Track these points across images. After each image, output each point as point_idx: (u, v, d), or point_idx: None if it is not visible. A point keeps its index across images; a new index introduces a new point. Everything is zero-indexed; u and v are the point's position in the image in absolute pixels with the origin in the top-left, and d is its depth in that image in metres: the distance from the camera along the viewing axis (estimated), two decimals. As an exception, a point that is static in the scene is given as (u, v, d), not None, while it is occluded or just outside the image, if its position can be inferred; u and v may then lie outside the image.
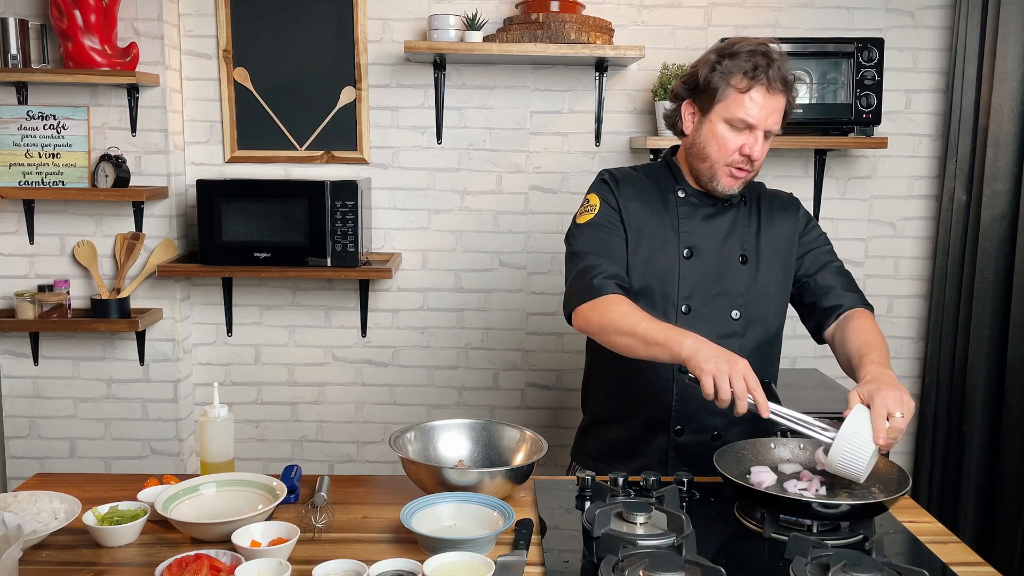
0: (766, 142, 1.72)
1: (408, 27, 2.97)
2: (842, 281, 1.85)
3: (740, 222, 1.83)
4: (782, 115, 1.72)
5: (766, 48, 1.69)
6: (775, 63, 1.68)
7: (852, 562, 1.27)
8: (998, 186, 2.73)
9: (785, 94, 1.71)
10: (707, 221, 1.82)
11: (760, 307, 1.82)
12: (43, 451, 3.00)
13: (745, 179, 1.76)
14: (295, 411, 3.15)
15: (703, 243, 1.80)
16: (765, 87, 1.67)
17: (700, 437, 1.81)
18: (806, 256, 1.87)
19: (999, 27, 2.72)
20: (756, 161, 1.73)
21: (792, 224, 1.87)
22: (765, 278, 1.82)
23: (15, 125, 2.83)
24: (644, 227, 1.81)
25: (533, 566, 1.37)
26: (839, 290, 1.83)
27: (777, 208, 1.88)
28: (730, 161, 1.72)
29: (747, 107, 1.68)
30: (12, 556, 1.21)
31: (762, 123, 1.69)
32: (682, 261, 1.79)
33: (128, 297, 2.86)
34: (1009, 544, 2.67)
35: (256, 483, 1.58)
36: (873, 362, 1.61)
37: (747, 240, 1.82)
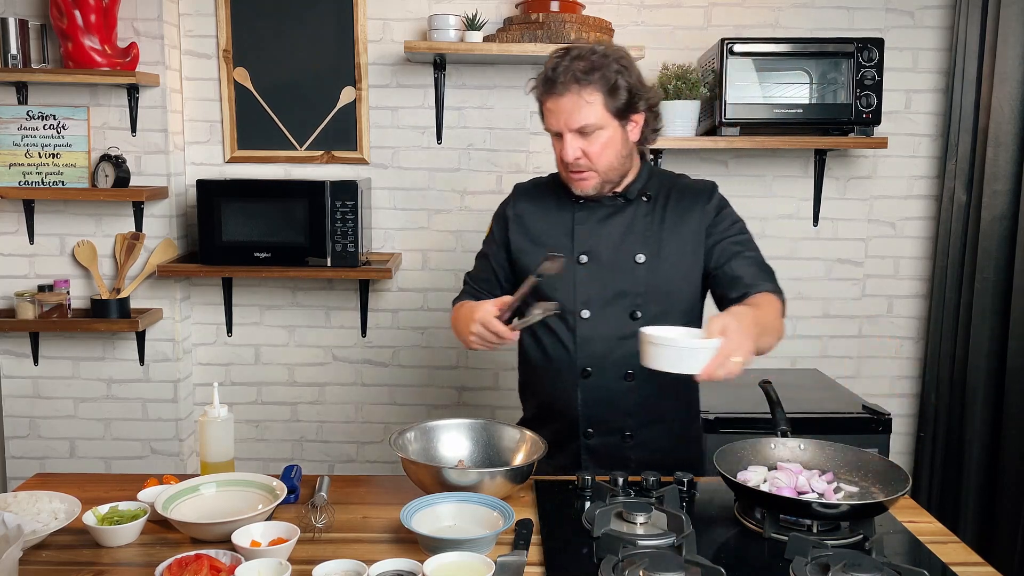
0: (587, 138, 1.71)
1: (408, 27, 2.97)
2: (752, 271, 1.79)
3: (640, 221, 1.81)
4: (589, 108, 1.68)
5: (561, 50, 1.72)
6: (561, 65, 1.69)
7: (852, 562, 1.27)
8: (998, 186, 2.73)
9: (576, 88, 1.68)
10: (603, 224, 1.82)
11: (663, 305, 1.79)
12: (43, 451, 3.00)
13: (590, 179, 1.75)
14: (295, 411, 3.15)
15: (598, 247, 1.81)
16: (552, 93, 1.70)
17: (610, 438, 1.83)
18: (716, 247, 1.81)
19: (999, 27, 2.72)
20: (583, 160, 1.72)
21: (700, 215, 1.82)
22: (668, 276, 1.80)
23: (15, 125, 2.83)
24: (542, 237, 1.85)
25: (533, 566, 1.37)
26: (747, 280, 1.77)
27: (686, 201, 1.83)
28: (565, 167, 1.76)
29: (547, 118, 1.74)
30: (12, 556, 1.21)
31: (563, 126, 1.71)
32: (577, 268, 1.81)
33: (128, 297, 2.86)
34: (1009, 544, 2.67)
35: (256, 483, 1.58)
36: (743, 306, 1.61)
37: (648, 239, 1.80)
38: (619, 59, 1.71)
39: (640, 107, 1.76)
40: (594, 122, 1.70)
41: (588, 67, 1.68)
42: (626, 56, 1.74)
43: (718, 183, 3.04)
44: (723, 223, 1.83)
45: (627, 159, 1.79)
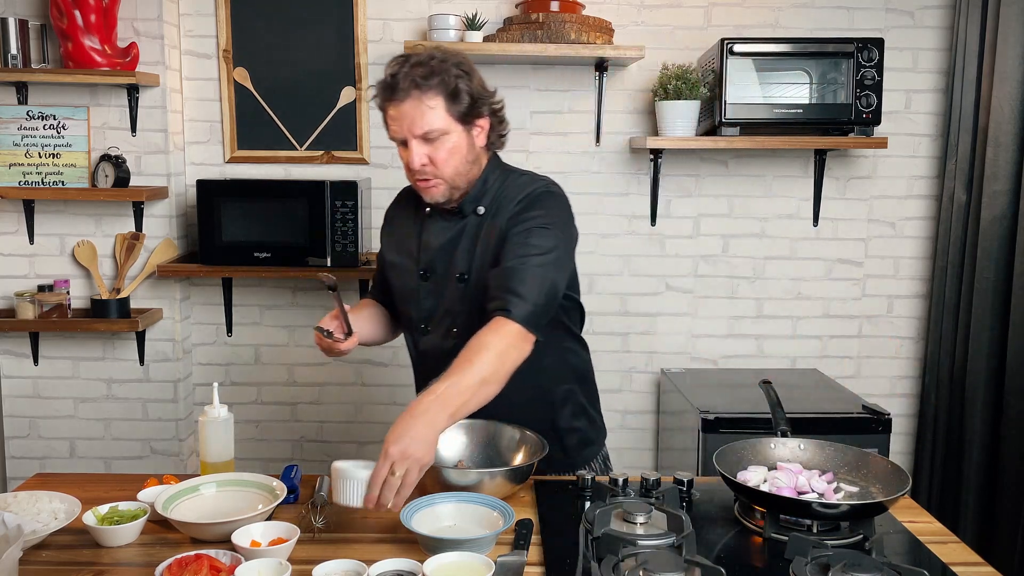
0: (432, 144, 1.67)
1: (408, 27, 2.97)
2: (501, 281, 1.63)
3: (468, 236, 1.76)
4: (430, 113, 1.65)
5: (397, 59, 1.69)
6: (401, 71, 1.65)
7: (852, 562, 1.27)
8: (998, 186, 2.73)
9: (417, 94, 1.64)
10: (441, 239, 1.79)
11: (470, 325, 1.66)
12: (43, 451, 3.00)
13: (439, 186, 1.71)
14: (295, 411, 3.15)
15: (436, 262, 1.79)
16: (391, 100, 1.67)
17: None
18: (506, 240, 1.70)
19: (999, 27, 2.72)
20: (428, 167, 1.68)
21: (504, 220, 1.72)
22: (476, 295, 1.72)
23: (15, 125, 2.83)
24: (400, 249, 1.86)
25: (533, 566, 1.37)
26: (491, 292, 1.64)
27: (504, 208, 1.74)
28: (409, 175, 1.73)
29: (391, 125, 1.71)
30: (12, 556, 1.21)
31: (406, 133, 1.67)
32: (420, 283, 1.81)
33: (128, 297, 2.86)
34: (1009, 544, 2.67)
35: (256, 483, 1.58)
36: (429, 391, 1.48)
37: (471, 255, 1.75)
38: (458, 64, 1.68)
39: (484, 112, 1.73)
40: (438, 127, 1.66)
41: (427, 72, 1.64)
42: (466, 61, 1.72)
43: (717, 183, 3.06)
44: (517, 225, 1.69)
45: (474, 165, 1.74)
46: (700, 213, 3.08)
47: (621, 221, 3.07)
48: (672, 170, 3.05)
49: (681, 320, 3.12)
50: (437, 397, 1.46)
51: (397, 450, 1.38)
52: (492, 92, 1.77)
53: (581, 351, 1.92)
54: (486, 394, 1.53)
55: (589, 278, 3.09)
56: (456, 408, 1.47)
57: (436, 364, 1.62)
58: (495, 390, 1.54)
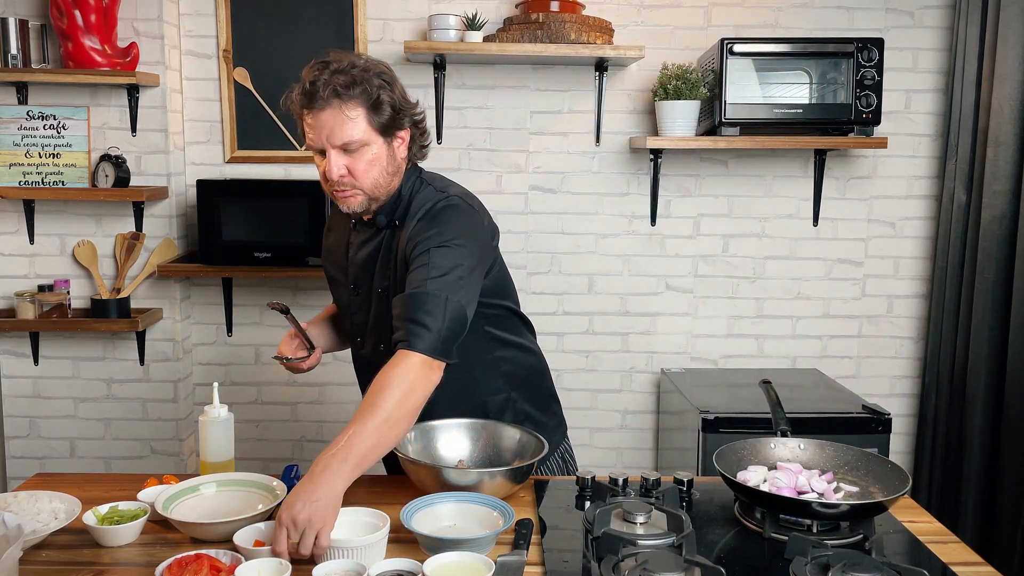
0: (351, 155, 1.62)
1: (408, 27, 2.97)
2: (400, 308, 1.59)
3: (385, 250, 1.73)
4: (351, 123, 1.60)
5: (312, 65, 1.63)
6: (320, 79, 1.59)
7: (852, 562, 1.27)
8: (998, 186, 2.73)
9: (338, 103, 1.59)
10: (363, 252, 1.77)
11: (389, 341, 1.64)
12: (43, 451, 3.00)
13: (357, 196, 1.66)
14: (295, 411, 3.15)
15: (360, 277, 1.78)
16: (310, 108, 1.61)
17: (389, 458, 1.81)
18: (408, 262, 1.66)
19: (999, 27, 2.72)
20: (346, 177, 1.63)
21: (404, 240, 1.68)
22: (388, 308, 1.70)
23: (15, 125, 2.83)
24: (335, 262, 1.85)
25: (533, 566, 1.37)
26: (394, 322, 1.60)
27: (409, 225, 1.70)
28: (326, 185, 1.67)
29: (308, 134, 1.64)
30: (12, 556, 1.21)
31: (326, 142, 1.61)
32: (351, 297, 1.81)
33: (128, 297, 2.86)
34: (1009, 544, 2.67)
35: (256, 483, 1.58)
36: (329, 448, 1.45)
37: (388, 269, 1.73)
38: (380, 74, 1.64)
39: (405, 123, 1.68)
40: (358, 138, 1.61)
41: (349, 81, 1.59)
42: (388, 71, 1.67)
43: (717, 183, 3.06)
44: (416, 246, 1.64)
45: (395, 176, 1.70)
46: (700, 213, 3.08)
47: (621, 221, 3.07)
48: (672, 170, 3.05)
49: (681, 320, 3.12)
50: (337, 452, 1.42)
51: (288, 516, 1.33)
52: (415, 103, 1.72)
53: (521, 356, 1.87)
54: (394, 435, 1.48)
55: (589, 278, 3.09)
56: (360, 458, 1.42)
57: (372, 377, 1.56)
58: (405, 427, 1.50)
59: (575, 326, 3.11)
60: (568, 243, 3.07)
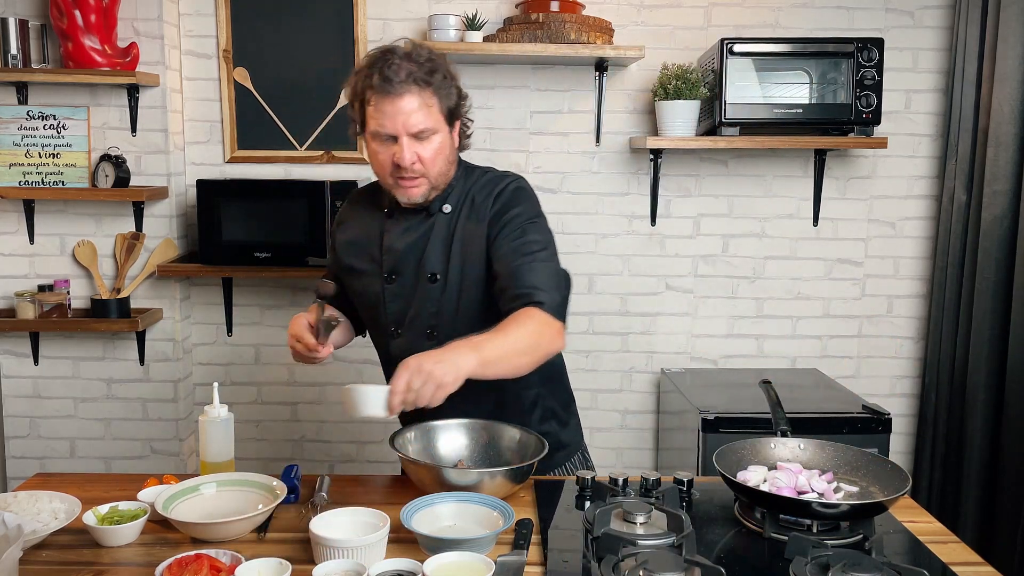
0: (423, 143, 1.64)
1: (408, 27, 2.97)
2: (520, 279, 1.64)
3: (438, 235, 1.74)
4: (428, 110, 1.63)
5: (384, 50, 1.64)
6: (392, 65, 1.60)
7: (852, 562, 1.27)
8: (998, 186, 2.73)
9: (417, 90, 1.61)
10: (407, 239, 1.76)
11: (453, 326, 1.70)
12: (43, 451, 3.00)
13: (422, 185, 1.68)
14: (295, 411, 3.15)
15: (402, 264, 1.76)
16: (386, 93, 1.60)
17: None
18: (497, 253, 1.69)
19: (999, 27, 2.72)
20: (417, 165, 1.65)
21: (483, 218, 1.72)
22: (452, 294, 1.73)
23: (15, 125, 2.83)
24: (360, 253, 1.81)
25: (533, 566, 1.37)
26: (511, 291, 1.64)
27: (477, 205, 1.74)
28: (392, 173, 1.67)
29: (378, 119, 1.62)
30: (12, 556, 1.21)
31: (400, 129, 1.62)
32: (385, 287, 1.78)
33: (128, 297, 2.86)
34: (1009, 544, 2.67)
35: (256, 483, 1.58)
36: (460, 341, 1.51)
37: (442, 255, 1.73)
38: (447, 63, 1.68)
39: (464, 112, 1.73)
40: (431, 126, 1.64)
41: (429, 69, 1.62)
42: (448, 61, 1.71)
43: (717, 183, 3.06)
44: (506, 225, 1.69)
45: (452, 164, 1.73)
46: (700, 213, 3.08)
47: (621, 221, 3.07)
48: (672, 170, 3.05)
49: (681, 320, 3.12)
50: (470, 343, 1.47)
51: (417, 364, 1.41)
52: (467, 94, 1.77)
53: None
54: (518, 364, 1.53)
55: (589, 278, 3.09)
56: (487, 360, 1.46)
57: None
58: (528, 364, 1.54)
59: (575, 326, 3.11)
60: (568, 243, 3.07)
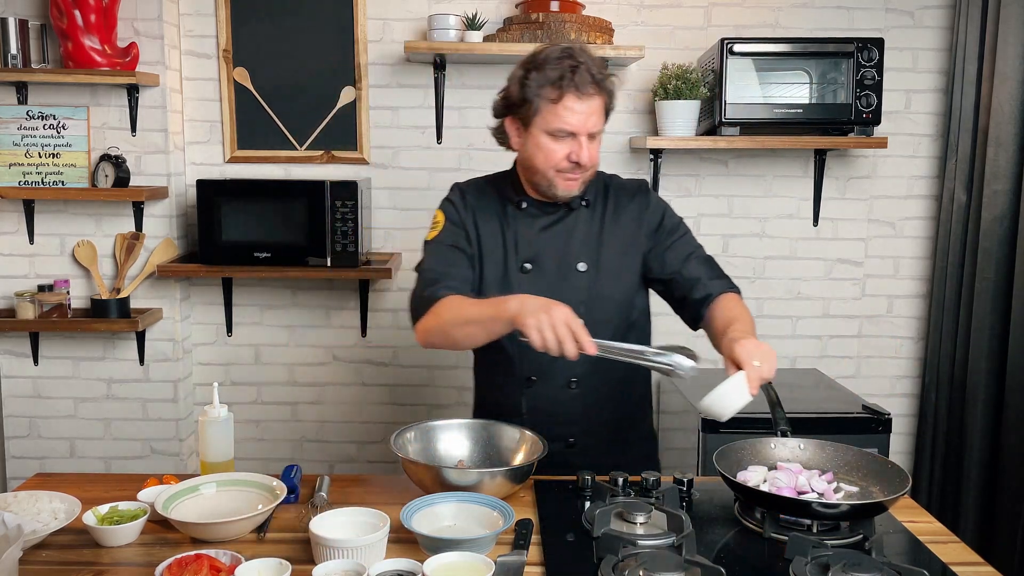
0: (593, 142, 1.72)
1: (408, 27, 2.97)
2: (707, 270, 1.84)
3: (581, 228, 1.81)
4: (602, 115, 1.73)
5: (571, 52, 1.69)
6: (582, 66, 1.67)
7: (852, 562, 1.27)
8: (998, 186, 2.73)
9: (600, 94, 1.70)
10: (546, 231, 1.81)
11: (603, 312, 1.78)
12: (43, 451, 3.00)
13: (582, 179, 1.76)
14: (295, 411, 3.15)
15: (541, 255, 1.80)
16: (575, 93, 1.67)
17: (555, 446, 1.77)
18: (667, 253, 1.84)
19: (999, 27, 2.72)
20: (583, 165, 1.72)
21: (639, 218, 1.84)
22: (606, 282, 1.80)
23: (15, 125, 2.83)
24: (486, 241, 1.83)
25: (533, 566, 1.37)
26: (706, 279, 1.82)
27: (624, 204, 1.85)
28: (560, 168, 1.72)
29: (563, 116, 1.68)
30: (12, 556, 1.21)
31: (581, 128, 1.69)
32: (519, 276, 1.79)
33: (128, 297, 2.86)
34: (1009, 544, 2.67)
35: (256, 483, 1.58)
36: (735, 331, 1.64)
37: (588, 246, 1.81)
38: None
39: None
40: (601, 128, 1.73)
41: (606, 76, 1.70)
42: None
43: (718, 183, 3.06)
44: (668, 226, 1.85)
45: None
46: (700, 213, 3.07)
47: (621, 221, 3.07)
48: (672, 170, 3.05)
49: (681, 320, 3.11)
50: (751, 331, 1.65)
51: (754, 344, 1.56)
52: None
53: None
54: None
55: (589, 278, 3.09)
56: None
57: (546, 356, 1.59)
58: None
59: (575, 326, 3.11)
60: (568, 243, 3.06)
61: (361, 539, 1.33)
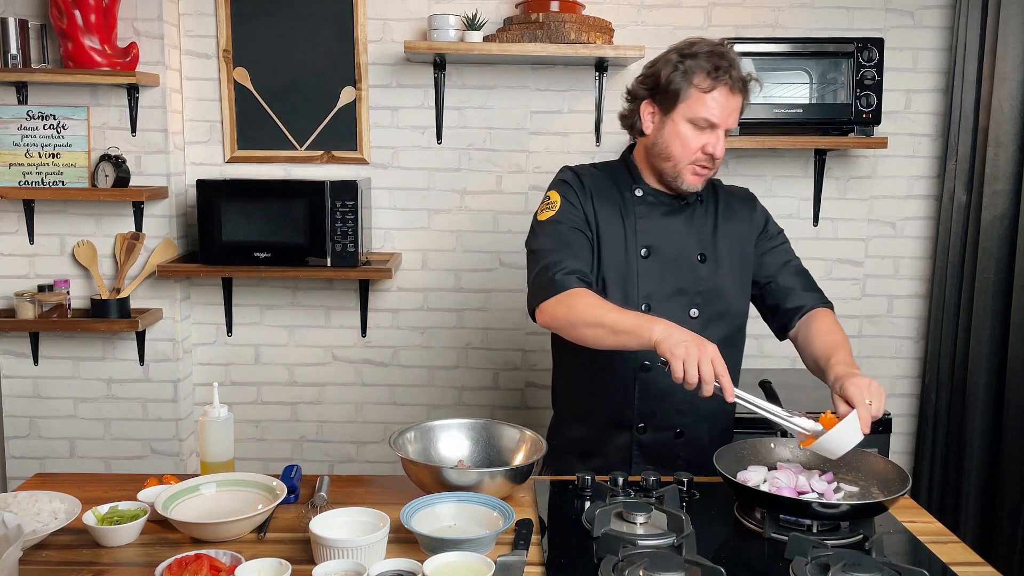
0: (725, 139, 1.75)
1: (408, 27, 2.97)
2: (802, 281, 1.88)
3: (697, 220, 1.84)
4: (739, 115, 1.77)
5: (724, 49, 1.72)
6: (734, 64, 1.71)
7: (852, 562, 1.27)
8: (998, 186, 2.73)
9: (743, 94, 1.75)
10: (664, 219, 1.82)
11: (718, 305, 1.82)
12: (43, 451, 3.00)
13: (708, 176, 1.78)
14: (295, 411, 3.15)
15: (660, 242, 1.81)
16: (728, 87, 1.70)
17: (663, 435, 1.81)
18: (765, 257, 1.88)
19: (999, 27, 2.72)
20: (717, 159, 1.75)
21: (749, 221, 1.89)
22: (723, 277, 1.83)
23: (15, 125, 2.83)
24: (603, 225, 1.82)
25: (533, 566, 1.37)
26: (800, 291, 1.86)
27: (734, 205, 1.89)
28: (693, 159, 1.74)
29: (711, 107, 1.70)
30: (12, 556, 1.21)
31: (724, 122, 1.72)
32: (640, 260, 1.80)
33: (128, 297, 2.86)
34: (1009, 544, 2.67)
35: (256, 483, 1.58)
36: (840, 363, 1.66)
37: (705, 238, 1.83)
38: None
39: None
40: (736, 128, 1.78)
41: (749, 77, 1.76)
42: None
43: (718, 183, 3.06)
44: (771, 232, 1.91)
45: None
46: (700, 213, 3.07)
47: (621, 221, 3.07)
48: (672, 170, 3.04)
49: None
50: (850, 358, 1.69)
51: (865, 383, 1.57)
52: None
53: None
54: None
55: (589, 278, 3.09)
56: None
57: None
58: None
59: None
60: (568, 243, 3.06)
61: (361, 539, 1.33)
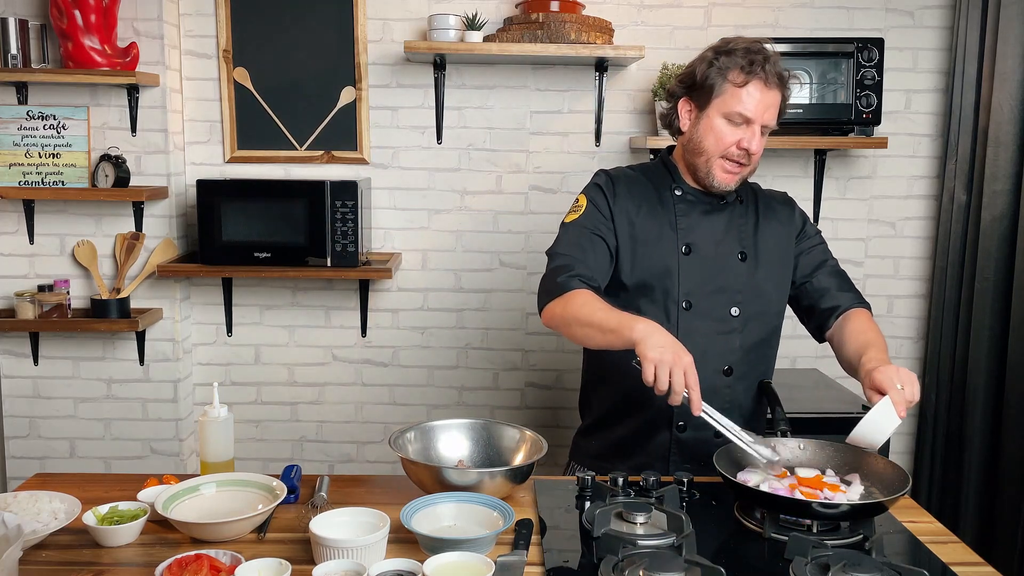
0: (762, 137, 1.74)
1: (408, 27, 2.97)
2: (838, 281, 1.88)
3: (737, 220, 1.84)
4: (777, 111, 1.75)
5: (760, 46, 1.73)
6: (771, 59, 1.71)
7: (852, 562, 1.27)
8: (998, 186, 2.73)
9: (780, 90, 1.74)
10: (705, 218, 1.83)
11: (758, 304, 1.82)
12: (43, 451, 3.00)
13: (741, 175, 1.78)
14: (295, 411, 3.15)
15: (701, 240, 1.81)
16: (762, 81, 1.70)
17: (703, 433, 1.80)
18: (801, 257, 1.88)
19: (999, 27, 2.72)
20: (753, 155, 1.74)
21: (788, 223, 1.89)
22: (763, 276, 1.83)
23: (15, 125, 2.83)
24: (641, 225, 1.82)
25: (533, 566, 1.37)
26: (835, 291, 1.86)
27: (774, 207, 1.90)
28: (726, 154, 1.74)
29: (744, 101, 1.71)
30: (12, 556, 1.21)
31: (759, 117, 1.71)
32: (681, 258, 1.80)
33: (128, 297, 2.86)
34: (1009, 544, 2.67)
35: (256, 483, 1.58)
36: (871, 359, 1.65)
37: (745, 238, 1.83)
38: None
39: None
40: (775, 124, 1.75)
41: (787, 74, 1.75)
42: None
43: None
44: (809, 233, 1.90)
45: None
46: (700, 213, 3.07)
47: (621, 221, 3.07)
48: (672, 170, 3.04)
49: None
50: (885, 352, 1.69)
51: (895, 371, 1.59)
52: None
53: None
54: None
55: (589, 278, 3.09)
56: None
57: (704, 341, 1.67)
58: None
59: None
60: (568, 243, 3.06)
61: (361, 539, 1.33)
